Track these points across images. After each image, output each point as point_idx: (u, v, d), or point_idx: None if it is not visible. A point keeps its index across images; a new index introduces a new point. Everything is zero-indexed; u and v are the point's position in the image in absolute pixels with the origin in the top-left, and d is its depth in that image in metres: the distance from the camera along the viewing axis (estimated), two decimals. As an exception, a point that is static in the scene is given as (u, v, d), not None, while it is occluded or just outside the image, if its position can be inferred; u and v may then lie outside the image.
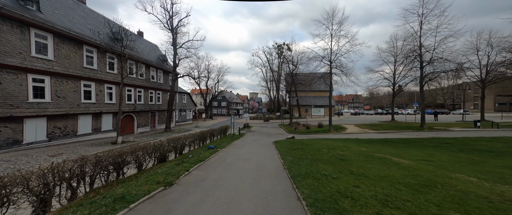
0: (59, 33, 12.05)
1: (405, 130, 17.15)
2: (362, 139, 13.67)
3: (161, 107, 24.04)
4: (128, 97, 18.86)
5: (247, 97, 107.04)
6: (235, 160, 6.85)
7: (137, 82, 19.64)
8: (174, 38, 20.93)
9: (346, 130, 18.86)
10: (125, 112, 18.54)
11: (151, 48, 25.72)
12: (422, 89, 17.38)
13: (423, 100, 17.39)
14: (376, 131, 17.53)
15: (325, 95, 47.01)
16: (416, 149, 10.27)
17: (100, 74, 15.37)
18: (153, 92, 22.84)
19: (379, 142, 12.44)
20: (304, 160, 6.68)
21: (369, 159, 7.02)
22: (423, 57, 16.86)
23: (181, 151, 9.25)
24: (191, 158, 6.73)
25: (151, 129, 23.23)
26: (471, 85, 25.26)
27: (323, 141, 12.45)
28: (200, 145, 11.58)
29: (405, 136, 14.87)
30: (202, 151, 8.34)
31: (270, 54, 47.25)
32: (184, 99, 34.90)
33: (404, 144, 11.76)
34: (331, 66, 18.27)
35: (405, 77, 23.12)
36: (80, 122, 14.17)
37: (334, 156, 7.43)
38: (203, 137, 11.89)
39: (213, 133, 13.99)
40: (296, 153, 8.06)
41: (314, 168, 5.52)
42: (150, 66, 21.83)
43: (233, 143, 11.89)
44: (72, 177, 3.92)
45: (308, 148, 9.32)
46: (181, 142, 9.06)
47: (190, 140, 10.17)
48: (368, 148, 9.94)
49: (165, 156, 7.66)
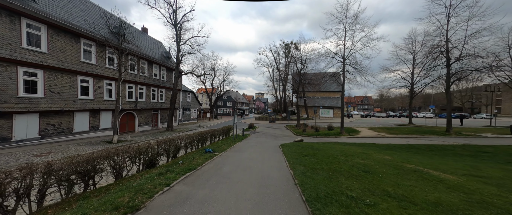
0: (53, 24, 11.36)
1: (428, 135, 15.33)
2: (380, 145, 12.10)
3: (164, 105, 23.31)
4: (129, 94, 18.15)
5: (253, 97, 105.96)
6: (233, 168, 5.65)
7: (138, 78, 18.93)
8: (177, 33, 20.09)
9: (359, 134, 17.23)
10: (125, 109, 17.84)
11: (155, 44, 25.10)
12: (448, 89, 15.47)
13: (450, 102, 15.48)
14: (395, 136, 15.81)
15: (334, 96, 45.05)
16: (450, 158, 8.66)
17: (98, 69, 14.68)
18: (156, 90, 22.12)
19: (402, 149, 10.85)
20: (319, 172, 5.37)
21: (401, 173, 5.61)
22: (450, 53, 14.99)
23: (175, 154, 8.16)
24: (181, 165, 5.58)
25: (153, 127, 22.52)
26: (501, 86, 22.80)
27: (336, 146, 11.02)
28: (199, 147, 10.47)
29: (431, 141, 13.13)
30: (197, 156, 7.20)
31: (277, 53, 45.93)
32: (189, 97, 34.22)
33: (433, 152, 10.13)
34: (344, 64, 16.74)
35: (426, 77, 21.14)
36: (76, 119, 13.48)
37: (356, 167, 6.07)
38: (202, 138, 10.79)
39: (214, 134, 12.88)
40: (308, 161, 6.74)
41: (335, 185, 4.21)
42: (153, 62, 21.12)
43: (235, 146, 10.71)
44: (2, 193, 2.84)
45: (320, 154, 7.98)
46: (175, 144, 7.97)
47: (187, 142, 9.07)
48: (392, 155, 8.45)
49: (154, 161, 6.58)
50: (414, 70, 23.20)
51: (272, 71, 50.09)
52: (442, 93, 59.50)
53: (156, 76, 21.96)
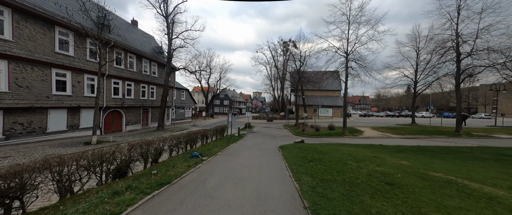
0: (19, 8, 9.87)
1: (437, 135, 14.33)
2: (389, 146, 11.01)
3: (154, 103, 21.87)
4: (115, 91, 16.69)
5: (251, 96, 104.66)
6: (221, 181, 4.40)
7: (125, 74, 17.46)
8: (168, 25, 18.66)
9: (363, 134, 16.17)
10: (110, 107, 16.39)
11: (146, 38, 23.58)
12: (458, 87, 14.48)
13: (460, 100, 14.50)
14: (401, 136, 14.78)
15: (333, 95, 44.14)
16: (474, 163, 7.58)
17: (78, 62, 13.21)
18: (146, 87, 20.67)
19: (415, 151, 9.76)
20: (332, 185, 4.17)
21: (433, 185, 4.46)
22: (460, 48, 13.99)
23: (156, 159, 6.87)
24: (152, 178, 4.29)
25: (143, 127, 21.08)
26: (506, 85, 22.05)
27: (342, 148, 9.88)
28: (187, 149, 9.18)
29: (442, 143, 12.11)
30: (179, 162, 5.92)
31: (275, 51, 44.64)
32: (183, 95, 32.76)
33: (450, 155, 9.06)
34: (347, 59, 15.61)
35: (430, 74, 20.22)
36: (51, 117, 12.02)
37: (374, 176, 4.90)
38: (191, 139, 9.49)
39: (206, 134, 11.59)
40: (315, 169, 5.55)
41: (360, 210, 3.01)
42: (143, 57, 19.65)
43: (229, 148, 9.46)
44: None
45: (327, 159, 6.80)
46: (156, 146, 6.67)
47: (171, 144, 7.77)
48: (409, 160, 7.32)
49: (124, 169, 5.28)
50: (418, 68, 22.26)
51: (270, 69, 48.91)
52: (439, 93, 59.09)
53: (146, 71, 20.50)
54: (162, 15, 18.49)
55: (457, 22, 14.26)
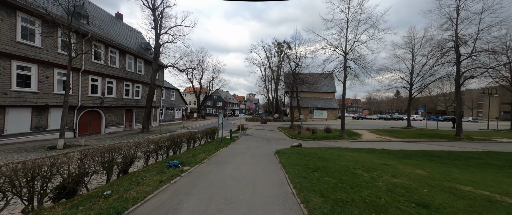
0: (-32, -14, 8.27)
1: (438, 139, 13.79)
2: (393, 151, 10.20)
3: (140, 103, 20.22)
4: (93, 88, 15.02)
5: (244, 98, 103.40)
6: (201, 206, 3.19)
7: (106, 70, 15.82)
8: (155, 19, 17.24)
9: (361, 137, 15.42)
10: (87, 107, 14.70)
11: (131, 33, 21.94)
12: (459, 89, 14.08)
13: (460, 103, 14.09)
14: (401, 139, 14.13)
15: (327, 97, 43.77)
16: (493, 171, 6.83)
17: (46, 54, 11.57)
18: (130, 85, 19.02)
19: (422, 157, 8.98)
20: (352, 210, 3.10)
21: (473, 205, 3.51)
22: (461, 48, 13.61)
23: (126, 169, 5.56)
24: (100, 203, 3.02)
25: (126, 128, 19.35)
26: (498, 89, 22.26)
27: (344, 153, 8.93)
28: (168, 155, 7.87)
29: (446, 147, 11.48)
30: (150, 175, 4.66)
31: (270, 51, 43.89)
32: (173, 96, 31.06)
33: (461, 161, 8.32)
34: (346, 58, 14.88)
35: (424, 78, 20.02)
36: (9, 117, 10.30)
37: (397, 193, 3.91)
38: (174, 143, 8.19)
39: (193, 137, 10.30)
40: (322, 182, 4.49)
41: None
42: (127, 53, 18.05)
43: (218, 154, 8.24)
44: None
45: (333, 168, 5.78)
46: (125, 154, 5.37)
47: (148, 150, 6.47)
48: (423, 169, 6.45)
49: (72, 187, 3.97)
50: (413, 70, 22.05)
51: (264, 70, 48.05)
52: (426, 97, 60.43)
53: (130, 68, 18.88)
54: (149, 7, 17.06)
55: (456, 23, 13.92)
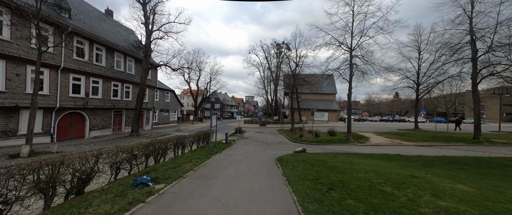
0: None
1: (454, 142, 12.53)
2: (411, 157, 8.90)
3: (130, 104, 18.84)
4: (75, 88, 13.66)
5: (243, 100, 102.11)
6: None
7: (90, 68, 14.48)
8: (146, 14, 16.01)
9: (369, 140, 14.12)
10: (68, 108, 13.31)
11: (122, 31, 20.66)
12: (476, 88, 12.87)
13: (478, 102, 12.86)
14: (414, 143, 12.84)
15: (328, 99, 42.58)
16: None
17: (16, 49, 10.24)
18: (119, 85, 17.67)
19: (448, 165, 7.68)
20: None
21: None
22: (477, 43, 12.47)
23: (78, 189, 4.19)
24: None
25: (115, 132, 17.92)
26: (509, 89, 21.18)
27: (358, 161, 7.61)
28: (146, 166, 6.49)
29: (469, 152, 10.20)
30: (103, 200, 3.31)
31: (268, 52, 42.84)
32: (167, 97, 29.68)
33: (496, 169, 7.04)
34: (351, 55, 13.70)
35: (431, 77, 18.94)
36: (-32, 120, 8.89)
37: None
38: (155, 150, 6.81)
39: (181, 143, 8.93)
40: (346, 211, 3.16)
41: None
42: (115, 50, 16.74)
43: (208, 163, 6.89)
44: None
45: (353, 184, 4.48)
46: (77, 168, 4.01)
47: (115, 160, 5.10)
48: (463, 182, 5.15)
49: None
50: (420, 70, 20.96)
51: (263, 71, 46.84)
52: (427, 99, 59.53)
53: (119, 67, 17.56)
54: (138, 1, 15.84)
55: (471, 16, 12.83)
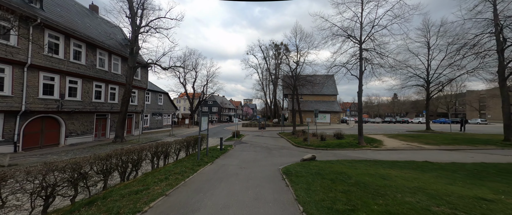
0: None
1: (482, 145, 10.96)
2: (446, 166, 7.25)
3: (116, 107, 17.08)
4: (47, 89, 11.91)
5: (241, 103, 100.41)
6: None
7: (66, 66, 12.75)
8: (131, 6, 14.43)
9: (384, 144, 12.48)
10: (39, 111, 11.52)
11: (108, 27, 18.99)
12: (505, 83, 11.38)
13: (507, 100, 11.33)
14: (436, 147, 11.23)
15: (329, 100, 41.06)
16: None
17: (-34, 40, 8.51)
18: (102, 86, 15.93)
19: (499, 175, 6.04)
20: None
21: None
22: (503, 34, 11.06)
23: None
24: None
25: (98, 138, 16.06)
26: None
27: (386, 172, 5.94)
28: (105, 186, 4.74)
29: (503, 157, 8.59)
30: None
31: (267, 53, 41.50)
32: (160, 100, 27.92)
33: None
34: (361, 48, 12.20)
35: (441, 75, 17.57)
36: None
37: None
38: (116, 165, 5.07)
39: (163, 151, 7.17)
40: None
41: None
42: (97, 47, 15.06)
43: (190, 180, 5.16)
44: None
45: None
46: None
47: (39, 186, 3.37)
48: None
49: None
50: (430, 65, 19.59)
51: (262, 73, 45.38)
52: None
53: (103, 66, 15.85)
54: (123, -9, 14.28)
55: (495, 2, 11.46)
